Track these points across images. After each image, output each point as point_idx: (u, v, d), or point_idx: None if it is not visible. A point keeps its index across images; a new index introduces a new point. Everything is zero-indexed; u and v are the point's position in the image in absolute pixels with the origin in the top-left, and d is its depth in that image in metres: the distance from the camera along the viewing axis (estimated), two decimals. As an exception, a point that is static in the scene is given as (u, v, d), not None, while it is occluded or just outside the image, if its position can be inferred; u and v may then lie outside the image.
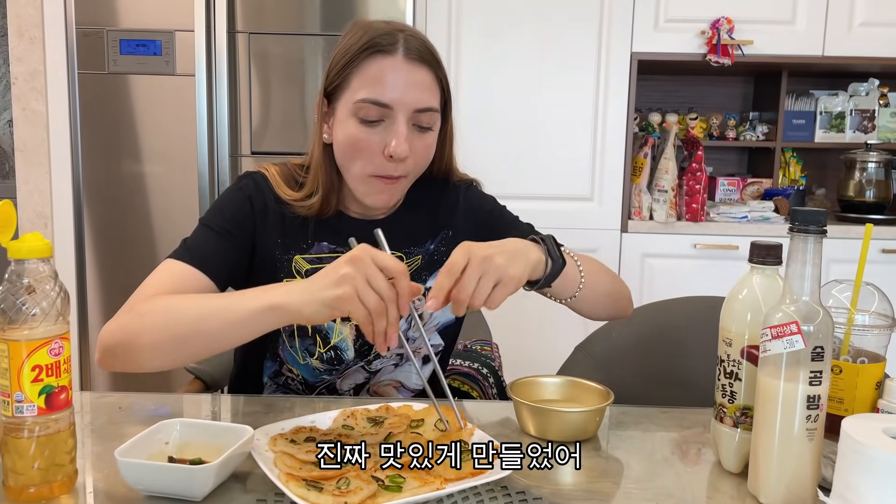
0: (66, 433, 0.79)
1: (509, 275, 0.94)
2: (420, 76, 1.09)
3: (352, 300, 0.86)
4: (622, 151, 2.71)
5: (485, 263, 0.92)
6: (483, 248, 0.94)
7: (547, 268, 1.03)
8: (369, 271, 0.86)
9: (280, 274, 1.17)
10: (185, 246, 1.13)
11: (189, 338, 0.96)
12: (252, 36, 2.60)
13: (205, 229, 1.15)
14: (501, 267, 0.93)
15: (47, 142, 2.64)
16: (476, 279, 0.91)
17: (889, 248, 2.65)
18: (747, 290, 0.87)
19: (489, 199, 1.32)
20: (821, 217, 0.77)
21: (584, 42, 2.67)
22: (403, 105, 1.08)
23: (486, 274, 0.92)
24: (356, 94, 1.08)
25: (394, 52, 1.08)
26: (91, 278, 2.70)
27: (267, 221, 1.17)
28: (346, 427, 0.96)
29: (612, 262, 2.72)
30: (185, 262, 1.09)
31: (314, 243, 1.18)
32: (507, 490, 0.82)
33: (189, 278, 1.08)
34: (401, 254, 1.21)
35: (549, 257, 1.04)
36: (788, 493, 0.79)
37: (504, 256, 0.94)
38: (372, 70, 1.08)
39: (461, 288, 0.91)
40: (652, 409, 1.10)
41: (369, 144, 1.09)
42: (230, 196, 1.19)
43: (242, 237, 1.15)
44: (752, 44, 2.65)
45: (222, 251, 1.13)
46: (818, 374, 0.77)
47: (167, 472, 0.78)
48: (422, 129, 1.11)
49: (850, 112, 2.95)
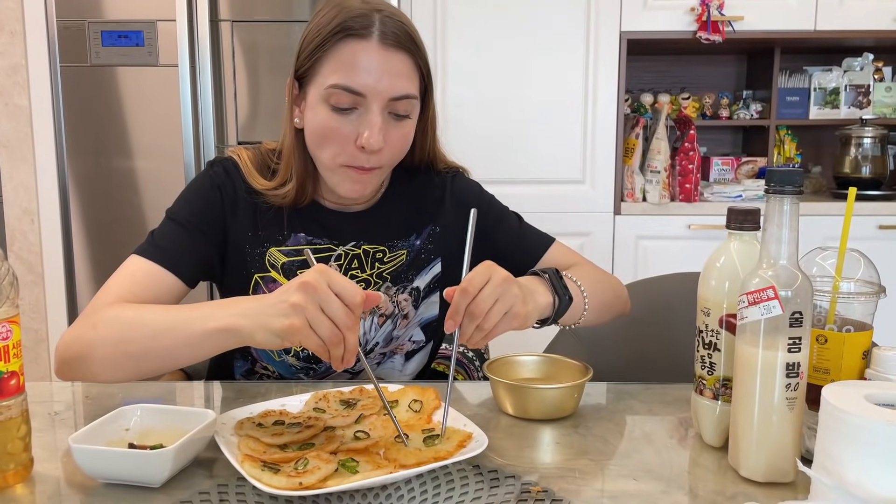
0: (19, 420, 0.76)
1: (519, 309, 0.91)
2: (396, 62, 1.02)
3: (302, 331, 0.79)
4: (613, 133, 2.68)
5: (504, 286, 0.89)
6: (504, 272, 0.91)
7: (555, 307, 1.01)
8: (323, 298, 0.79)
9: (252, 269, 1.12)
10: (152, 240, 1.08)
11: (142, 354, 0.92)
12: (236, 24, 2.57)
13: (171, 224, 1.09)
14: (517, 297, 0.90)
15: (31, 137, 2.61)
16: (493, 299, 0.88)
17: (885, 223, 2.61)
18: (725, 258, 0.84)
19: (476, 191, 1.25)
20: (796, 177, 0.74)
21: (572, 22, 2.63)
22: (378, 93, 1.01)
23: (503, 298, 0.89)
24: (327, 80, 1.02)
25: (368, 35, 1.01)
26: (80, 273, 2.67)
27: (237, 213, 1.12)
28: (317, 410, 0.93)
29: (605, 245, 2.69)
30: (151, 259, 1.05)
31: (290, 234, 1.13)
32: (478, 469, 0.80)
33: (154, 278, 1.04)
34: (383, 248, 1.16)
35: (555, 296, 1.01)
36: (769, 465, 0.76)
37: (521, 289, 0.92)
38: (344, 55, 1.01)
39: (478, 303, 0.87)
40: (633, 386, 1.07)
41: (340, 133, 1.03)
42: (199, 186, 1.13)
43: (211, 231, 1.10)
44: (742, 20, 2.61)
45: (190, 247, 1.08)
46: (797, 341, 0.74)
47: (122, 458, 0.75)
48: (398, 116, 1.05)
49: (845, 88, 2.90)
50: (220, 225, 1.12)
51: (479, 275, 0.88)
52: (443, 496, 0.74)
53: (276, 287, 1.08)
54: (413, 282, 1.18)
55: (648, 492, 0.76)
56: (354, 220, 1.16)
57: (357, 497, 0.73)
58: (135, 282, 1.03)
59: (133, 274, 1.04)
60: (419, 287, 1.18)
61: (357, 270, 1.15)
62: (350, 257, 1.14)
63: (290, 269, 1.12)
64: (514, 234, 1.23)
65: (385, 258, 1.16)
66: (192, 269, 1.08)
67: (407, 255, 1.18)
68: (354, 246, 1.15)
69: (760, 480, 0.77)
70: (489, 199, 1.26)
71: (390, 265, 1.16)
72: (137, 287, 1.02)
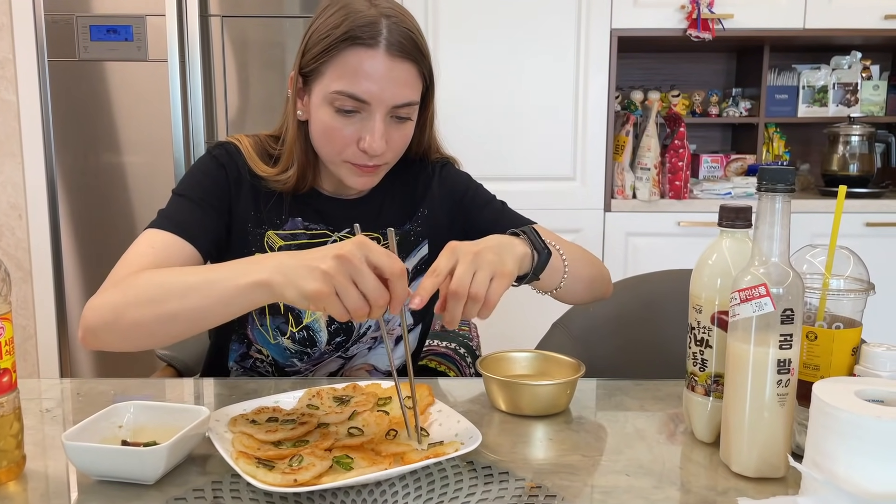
0: (11, 417, 0.76)
1: (503, 269, 0.89)
2: (401, 72, 1.03)
3: (329, 298, 0.78)
4: (604, 130, 2.68)
5: (477, 259, 0.87)
6: (470, 245, 0.90)
7: (534, 260, 0.99)
8: (356, 269, 0.78)
9: (252, 248, 1.14)
10: (165, 215, 1.07)
11: (175, 314, 0.89)
12: (226, 19, 2.55)
13: (182, 199, 1.09)
14: (494, 262, 0.89)
15: (19, 132, 2.59)
16: (471, 273, 0.86)
17: (873, 221, 2.63)
18: (717, 255, 0.84)
19: (463, 179, 1.27)
20: (788, 175, 0.74)
21: (563, 19, 2.63)
22: (381, 101, 1.03)
23: (481, 269, 0.87)
24: (332, 84, 1.03)
25: (375, 45, 1.01)
26: (69, 269, 2.66)
27: (241, 193, 1.14)
28: (310, 406, 0.93)
29: (595, 242, 2.69)
30: (167, 230, 1.04)
31: (288, 219, 1.16)
32: (472, 465, 0.80)
33: (173, 247, 1.03)
34: (377, 235, 1.17)
35: (534, 250, 0.99)
36: (760, 461, 0.77)
37: (493, 252, 0.90)
38: (350, 62, 1.02)
39: (457, 280, 0.85)
40: (626, 382, 1.08)
41: (343, 134, 1.05)
42: (205, 165, 1.14)
43: (220, 206, 1.12)
44: (732, 17, 2.62)
45: (204, 221, 1.09)
46: (788, 338, 0.74)
47: (116, 455, 0.75)
48: (400, 119, 1.07)
49: (833, 86, 2.92)
50: (227, 202, 1.13)
51: (446, 259, 0.88)
52: (437, 492, 0.74)
53: None
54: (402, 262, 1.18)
55: (641, 487, 0.77)
56: (350, 207, 1.19)
57: (352, 493, 0.74)
58: (155, 253, 1.01)
59: (152, 245, 1.02)
60: (408, 268, 1.19)
61: None
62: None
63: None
64: (496, 215, 1.24)
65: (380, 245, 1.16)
66: (207, 241, 1.08)
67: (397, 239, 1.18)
68: (349, 232, 1.17)
69: (752, 476, 0.78)
70: (476, 187, 1.27)
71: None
72: (159, 257, 1.00)
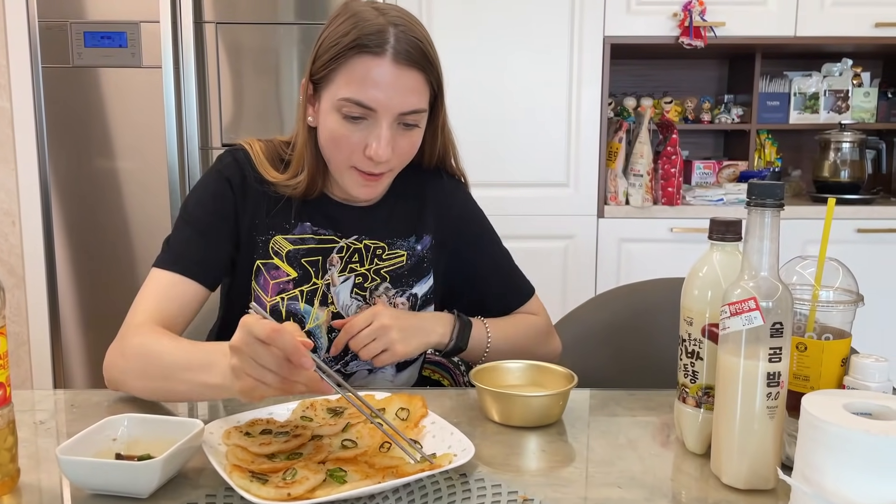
0: (6, 431, 0.76)
1: (396, 349, 1.07)
2: (408, 80, 1.05)
3: (255, 389, 0.79)
4: (597, 136, 2.69)
5: (380, 331, 1.07)
6: (389, 317, 1.08)
7: (449, 346, 1.15)
8: (253, 354, 0.77)
9: (254, 255, 1.15)
10: (169, 248, 1.12)
11: (160, 391, 1.01)
12: (220, 26, 2.56)
13: (187, 228, 1.13)
14: (393, 341, 1.07)
15: (12, 138, 2.59)
16: (369, 339, 1.06)
17: (863, 227, 2.65)
18: (707, 268, 0.85)
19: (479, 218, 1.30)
20: (777, 190, 0.75)
21: (556, 26, 2.64)
22: (388, 108, 1.04)
23: (378, 339, 1.07)
24: (340, 91, 1.05)
25: (382, 53, 1.03)
26: (62, 276, 2.65)
27: (247, 201, 1.15)
28: (304, 418, 0.93)
29: (588, 248, 2.70)
30: (171, 270, 1.09)
31: (297, 224, 1.17)
32: (465, 477, 0.80)
33: (177, 288, 1.09)
34: (383, 244, 1.19)
35: (452, 339, 1.14)
36: (751, 472, 0.77)
37: (401, 332, 1.08)
38: (358, 70, 1.03)
39: (354, 343, 1.07)
40: (618, 392, 1.08)
41: (350, 141, 1.06)
42: (210, 184, 1.16)
43: (226, 227, 1.14)
44: (724, 25, 2.64)
45: (208, 250, 1.12)
46: (778, 351, 0.75)
47: (111, 469, 0.75)
48: (407, 126, 1.08)
49: (824, 93, 2.94)
50: (233, 220, 1.15)
51: (363, 318, 1.08)
52: (430, 505, 0.75)
53: (278, 274, 1.14)
54: (412, 287, 1.20)
55: (632, 499, 0.77)
56: (358, 214, 1.19)
57: (345, 506, 0.74)
58: (158, 297, 1.08)
59: (158, 289, 1.08)
60: (417, 294, 1.21)
61: (357, 264, 1.17)
62: (351, 250, 1.18)
63: (295, 256, 1.15)
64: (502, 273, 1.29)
65: (384, 255, 1.19)
66: (213, 274, 1.13)
67: (407, 258, 1.20)
68: (356, 240, 1.18)
69: (742, 487, 0.78)
70: (491, 229, 1.30)
71: (388, 263, 1.19)
72: (164, 302, 1.07)
